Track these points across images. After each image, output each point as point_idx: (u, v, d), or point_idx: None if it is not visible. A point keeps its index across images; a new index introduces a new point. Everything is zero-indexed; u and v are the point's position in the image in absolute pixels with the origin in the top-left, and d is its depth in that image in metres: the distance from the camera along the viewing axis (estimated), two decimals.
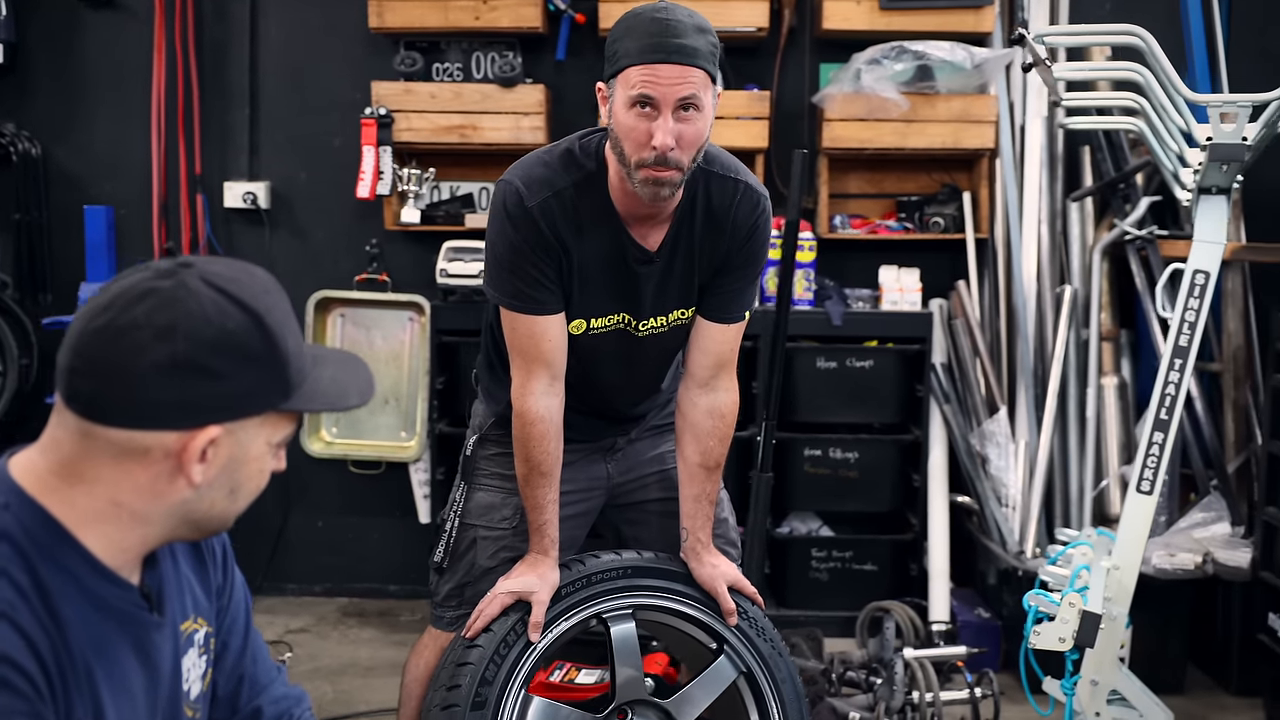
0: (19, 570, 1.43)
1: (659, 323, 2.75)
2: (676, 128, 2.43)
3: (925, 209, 4.67)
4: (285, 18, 4.80)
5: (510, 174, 2.63)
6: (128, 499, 1.48)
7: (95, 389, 1.44)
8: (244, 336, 1.47)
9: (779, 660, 2.86)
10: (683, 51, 2.41)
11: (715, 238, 2.68)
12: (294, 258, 4.83)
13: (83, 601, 1.47)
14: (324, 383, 1.58)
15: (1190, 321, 3.46)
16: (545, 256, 2.60)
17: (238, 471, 1.53)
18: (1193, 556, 4.10)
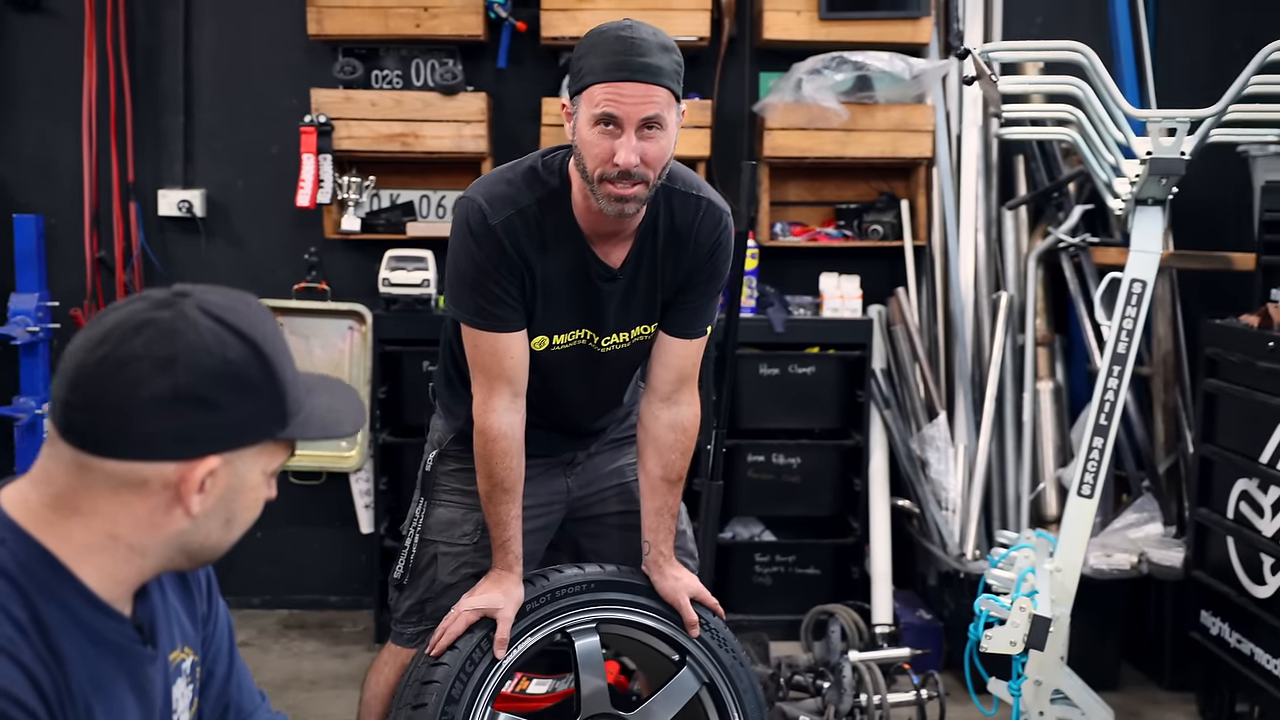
0: (18, 607, 1.41)
1: (622, 339, 2.76)
2: (640, 146, 2.45)
3: (864, 217, 4.73)
4: (220, 23, 4.73)
5: (473, 191, 2.63)
6: (124, 531, 1.47)
7: (93, 421, 1.42)
8: (244, 367, 1.46)
9: (740, 670, 2.89)
10: (647, 70, 2.42)
11: (678, 254, 2.69)
12: (231, 267, 4.77)
13: (80, 637, 1.46)
14: (319, 411, 1.58)
15: (1128, 329, 3.56)
16: (508, 274, 2.60)
17: (234, 501, 1.52)
18: (1128, 557, 4.20)
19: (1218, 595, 3.89)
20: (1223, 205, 4.57)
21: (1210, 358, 3.95)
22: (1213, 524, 3.93)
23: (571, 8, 4.47)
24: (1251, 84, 3.24)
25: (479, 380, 2.69)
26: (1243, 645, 3.74)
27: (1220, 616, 3.88)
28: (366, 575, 4.75)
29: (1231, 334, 3.83)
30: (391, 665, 2.92)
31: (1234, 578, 3.80)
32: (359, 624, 4.77)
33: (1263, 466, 3.65)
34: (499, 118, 4.70)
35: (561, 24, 4.48)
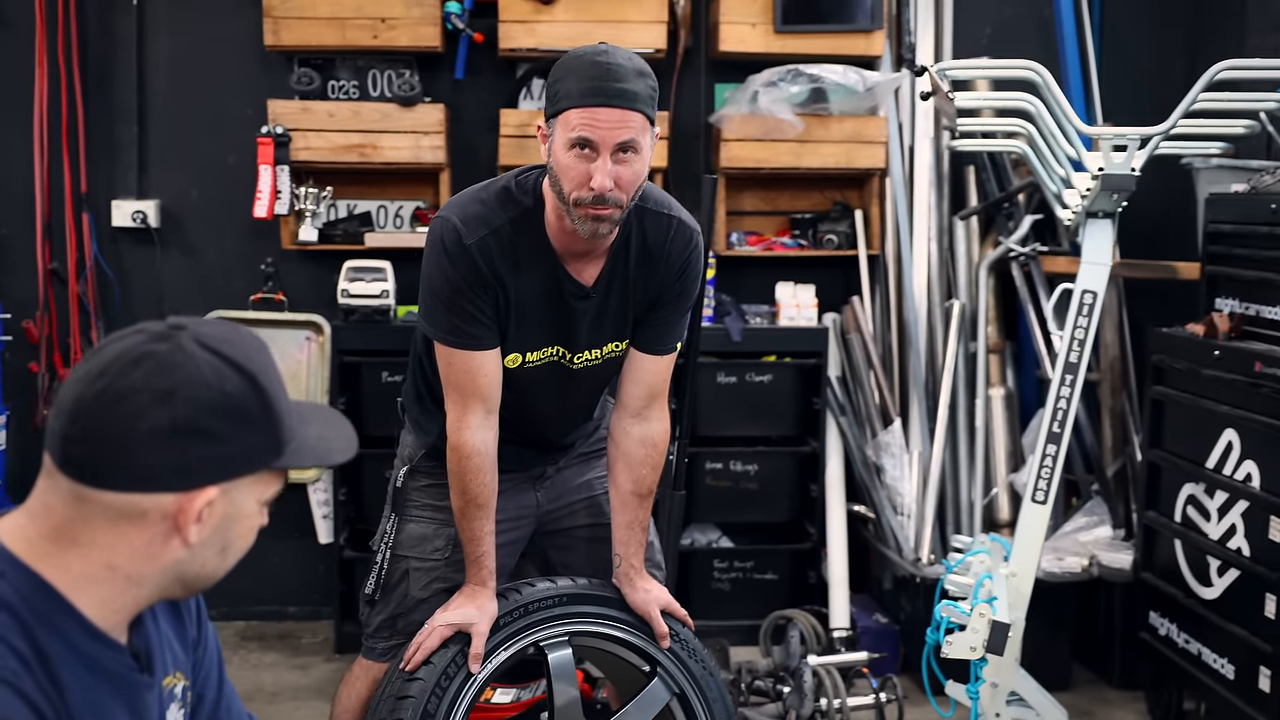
0: (19, 638, 1.43)
1: (594, 355, 2.80)
2: (615, 169, 2.49)
3: (819, 226, 4.79)
4: (173, 34, 4.71)
5: (447, 211, 2.66)
6: (122, 561, 1.49)
7: (92, 454, 1.44)
8: (241, 399, 1.49)
9: (710, 680, 2.93)
10: (623, 96, 2.46)
11: (650, 273, 2.74)
12: (186, 277, 4.76)
13: (80, 666, 1.48)
14: (311, 440, 1.60)
15: (1079, 339, 3.65)
16: (483, 293, 2.63)
17: (230, 530, 1.54)
18: (1079, 560, 4.30)
19: (1166, 597, 3.98)
20: (1167, 215, 4.67)
21: (1157, 365, 4.04)
22: (1161, 527, 4.03)
23: (529, 19, 4.50)
24: (1199, 100, 3.33)
25: (453, 398, 2.71)
26: (1190, 645, 3.83)
27: (1168, 617, 3.97)
28: (326, 586, 4.75)
29: (1177, 342, 3.93)
30: (363, 680, 2.94)
31: (1181, 580, 3.89)
32: (318, 635, 4.77)
33: (1208, 471, 3.74)
34: (456, 128, 4.71)
35: (519, 35, 4.51)
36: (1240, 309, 3.82)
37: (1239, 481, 3.60)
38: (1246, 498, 3.57)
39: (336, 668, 4.45)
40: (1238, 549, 3.60)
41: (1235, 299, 3.86)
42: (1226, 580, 3.67)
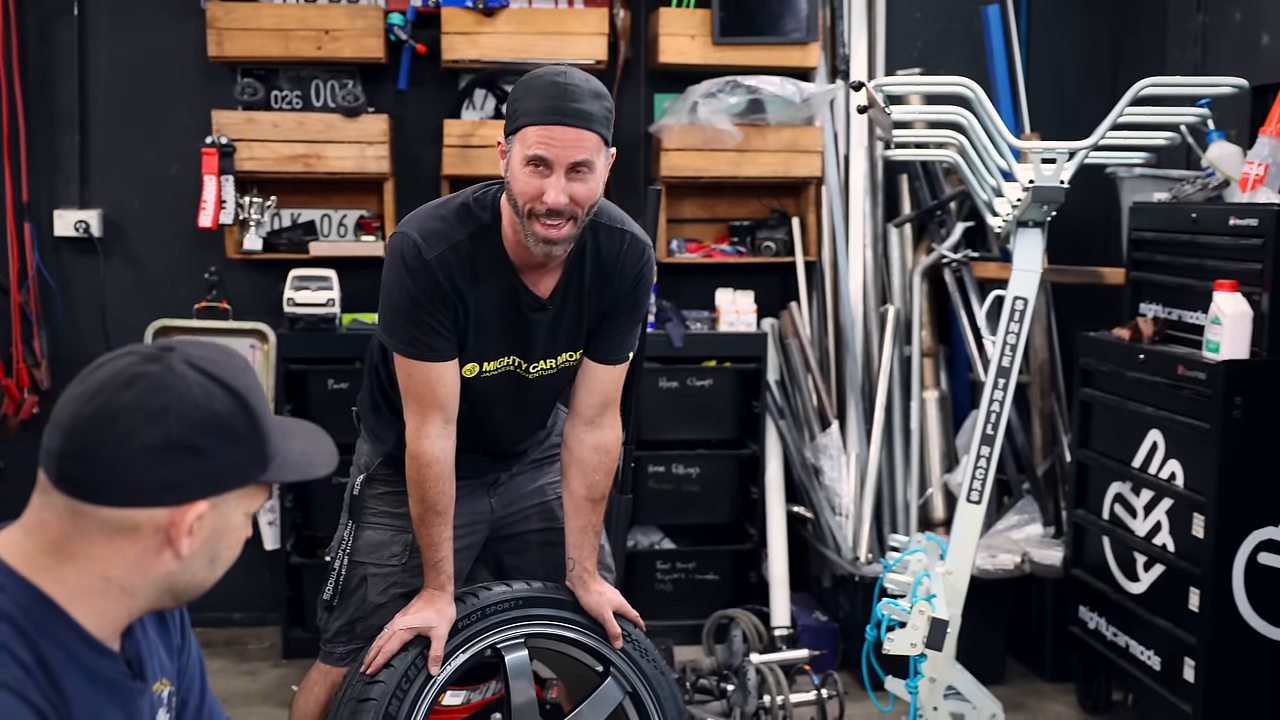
0: (22, 648, 1.49)
1: (549, 365, 2.88)
2: (569, 187, 2.57)
3: (757, 233, 4.90)
4: (115, 44, 4.72)
5: (407, 226, 2.73)
6: (117, 574, 1.55)
7: (87, 471, 1.50)
8: (230, 417, 1.56)
9: (662, 679, 3.02)
10: (579, 116, 2.55)
11: (603, 285, 2.82)
12: (129, 286, 4.77)
13: (79, 674, 1.54)
14: (295, 455, 1.66)
15: (1011, 344, 3.76)
16: (442, 306, 2.71)
17: (219, 542, 1.60)
18: (1012, 557, 4.43)
19: (1095, 592, 4.13)
20: (1092, 223, 4.83)
21: (1085, 368, 4.19)
22: (1089, 525, 4.17)
23: (472, 31, 4.56)
24: (1123, 114, 3.48)
25: (412, 408, 2.78)
26: (1118, 638, 3.98)
27: (1097, 611, 4.12)
28: (272, 592, 4.78)
29: (1104, 346, 4.07)
30: (322, 684, 3.00)
31: (1110, 575, 4.03)
32: (265, 640, 4.79)
33: (1135, 470, 3.89)
34: (399, 139, 4.76)
35: (462, 47, 4.58)
36: (1163, 314, 3.97)
37: (1163, 480, 3.75)
38: (1170, 495, 3.72)
39: (284, 673, 4.50)
40: (1163, 545, 3.75)
41: (1158, 304, 4.01)
42: (1152, 575, 3.82)
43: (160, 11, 4.72)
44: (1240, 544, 3.50)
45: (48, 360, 4.71)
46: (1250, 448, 3.48)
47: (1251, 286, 3.53)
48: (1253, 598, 3.51)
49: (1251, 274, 3.53)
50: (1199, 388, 3.55)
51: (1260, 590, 3.51)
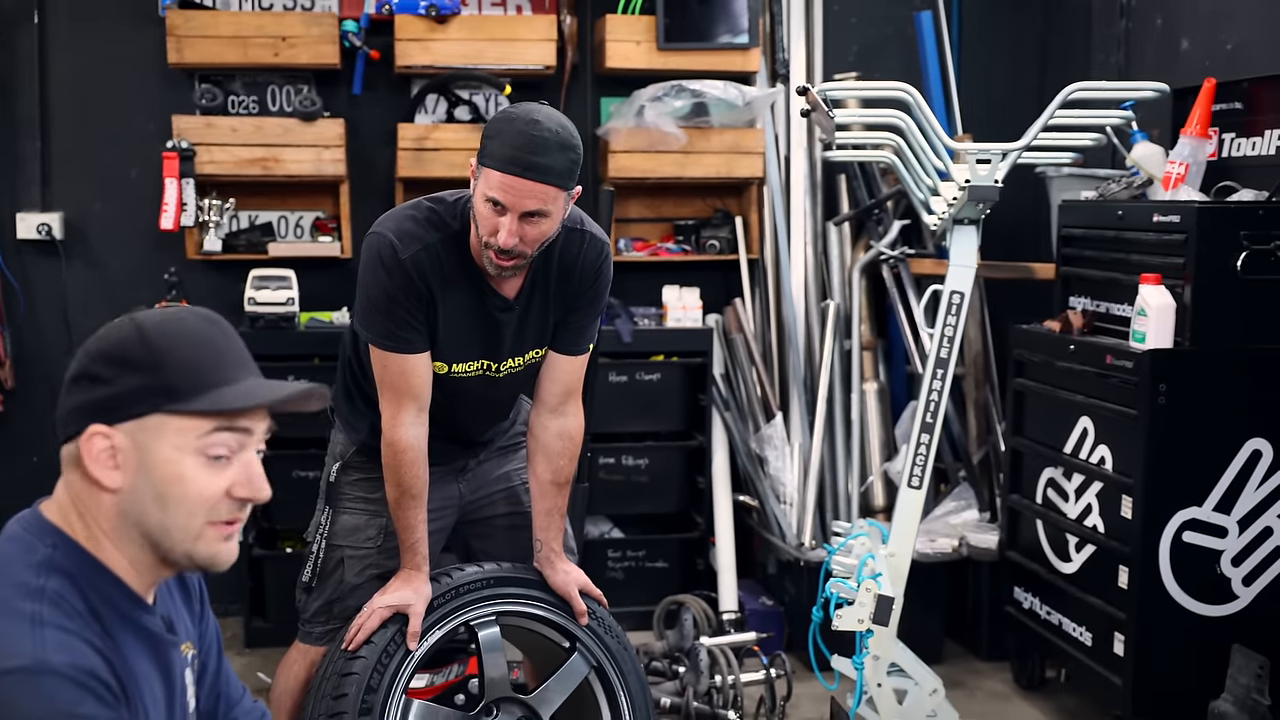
0: (78, 599, 1.63)
1: (517, 363, 3.04)
2: (521, 229, 2.73)
3: (701, 232, 5.07)
4: (74, 50, 4.80)
5: (382, 227, 2.88)
6: (90, 515, 1.68)
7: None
8: (124, 344, 1.67)
9: (625, 655, 3.19)
10: (538, 169, 2.68)
11: (565, 283, 2.98)
12: (90, 288, 4.86)
13: (124, 625, 1.68)
14: (232, 391, 1.70)
15: (949, 336, 3.94)
16: (416, 302, 2.86)
17: (153, 477, 1.66)
18: (950, 541, 4.63)
19: (1029, 573, 4.33)
20: (1023, 220, 5.04)
21: (1018, 359, 4.39)
22: (1023, 509, 4.37)
23: (424, 38, 4.69)
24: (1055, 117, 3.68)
25: (387, 397, 2.93)
26: (1051, 616, 4.18)
27: (1031, 591, 4.32)
28: (232, 584, 4.86)
29: (1036, 338, 4.27)
30: (300, 663, 3.15)
31: (1043, 556, 4.24)
32: (227, 631, 4.83)
33: (1066, 456, 4.09)
34: (354, 142, 4.87)
35: (415, 53, 4.70)
36: (1092, 306, 4.17)
37: (1094, 465, 3.95)
38: (1100, 479, 3.92)
39: (247, 662, 4.60)
40: (1093, 526, 3.95)
41: (1087, 297, 4.21)
42: (1084, 555, 4.03)
43: (119, 19, 4.81)
44: (1166, 524, 3.70)
45: (11, 360, 4.79)
46: (1174, 432, 3.68)
47: (1174, 279, 3.73)
48: (1178, 574, 3.72)
49: (1174, 268, 3.74)
50: (1126, 376, 3.75)
51: (1184, 567, 3.72)
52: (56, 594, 1.60)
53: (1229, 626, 3.73)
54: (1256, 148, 4.17)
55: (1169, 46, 4.65)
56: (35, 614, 1.57)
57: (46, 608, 1.58)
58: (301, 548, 4.69)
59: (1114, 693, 3.83)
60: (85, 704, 1.53)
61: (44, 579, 1.61)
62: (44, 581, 1.61)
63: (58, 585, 1.61)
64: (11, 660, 1.52)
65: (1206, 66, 4.38)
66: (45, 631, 1.55)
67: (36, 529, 1.68)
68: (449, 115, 4.89)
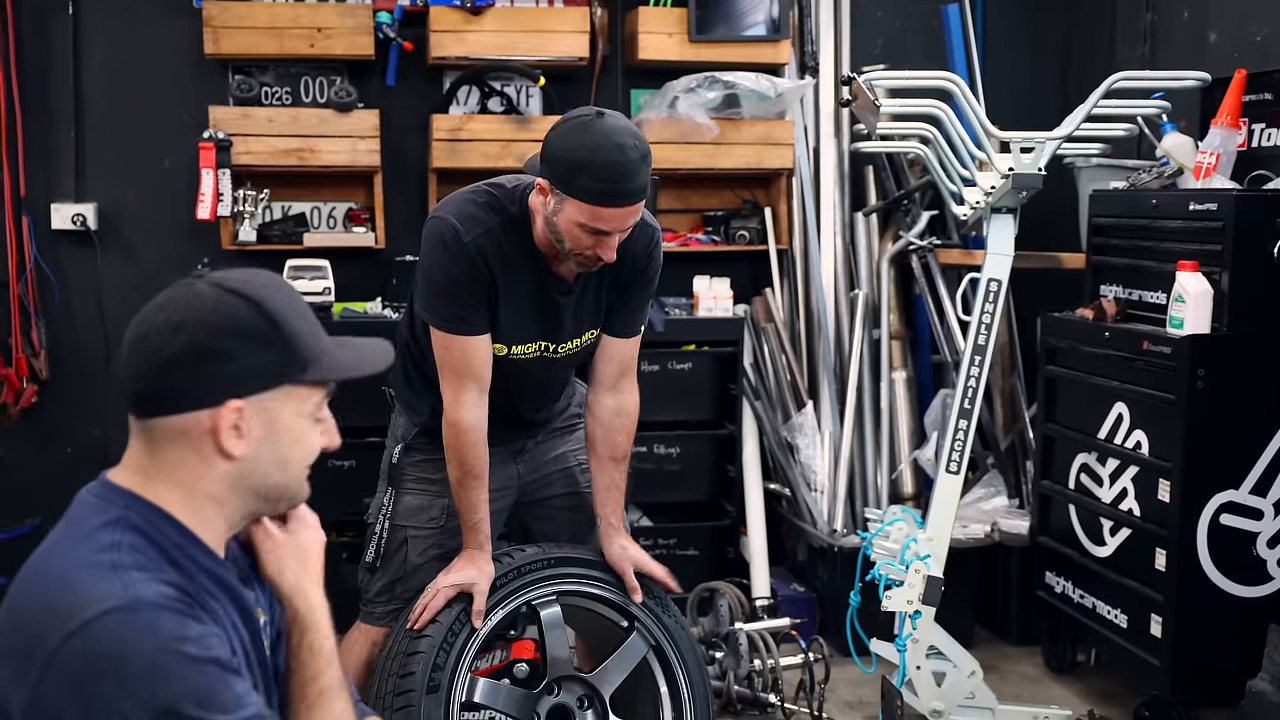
0: (154, 552, 1.67)
1: (574, 345, 3.10)
2: (617, 241, 2.82)
3: (730, 223, 5.11)
4: (109, 41, 4.82)
5: (444, 211, 2.93)
6: (193, 481, 1.72)
7: (141, 389, 1.71)
8: (248, 322, 1.72)
9: (682, 633, 3.24)
10: (633, 195, 2.76)
11: (619, 267, 3.03)
12: (125, 278, 4.87)
13: (202, 576, 1.71)
14: (343, 358, 1.82)
15: (986, 324, 4.01)
16: (477, 285, 2.91)
17: (278, 442, 1.76)
18: (981, 527, 4.68)
19: (1061, 557, 4.38)
20: (1048, 211, 5.08)
21: (1050, 347, 4.44)
22: (1055, 494, 4.43)
23: (459, 29, 4.72)
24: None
25: (449, 379, 2.97)
26: (1085, 599, 4.24)
27: (1064, 575, 4.38)
28: None
29: (1069, 325, 4.32)
30: (362, 642, 3.19)
31: (1076, 540, 4.29)
32: None
33: (1100, 441, 4.14)
34: (387, 133, 4.89)
35: (450, 44, 4.74)
36: (1124, 294, 4.23)
37: (1129, 449, 4.00)
38: (1136, 463, 3.98)
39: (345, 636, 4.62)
40: (1129, 510, 4.00)
41: (1118, 285, 4.27)
42: (1119, 539, 4.08)
43: (151, 9, 4.83)
44: (1204, 507, 3.76)
45: (46, 350, 4.81)
46: (1212, 416, 3.74)
47: (1211, 266, 3.79)
48: (1215, 556, 3.78)
49: (1211, 255, 3.79)
50: (1164, 361, 3.80)
51: (1222, 549, 3.78)
52: (132, 546, 1.64)
53: (1265, 607, 3.79)
54: None
55: (1196, 38, 4.71)
56: (114, 561, 1.61)
57: (124, 555, 1.63)
58: (335, 537, 4.77)
59: (1151, 673, 3.89)
60: (189, 626, 1.58)
61: (119, 534, 1.65)
62: (119, 536, 1.65)
63: (132, 539, 1.65)
64: (104, 602, 1.56)
65: (1235, 58, 4.44)
66: (128, 573, 1.60)
67: (106, 493, 1.72)
68: (482, 106, 4.93)
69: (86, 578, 1.60)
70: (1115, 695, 4.29)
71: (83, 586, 1.59)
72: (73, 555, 1.64)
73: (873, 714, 4.14)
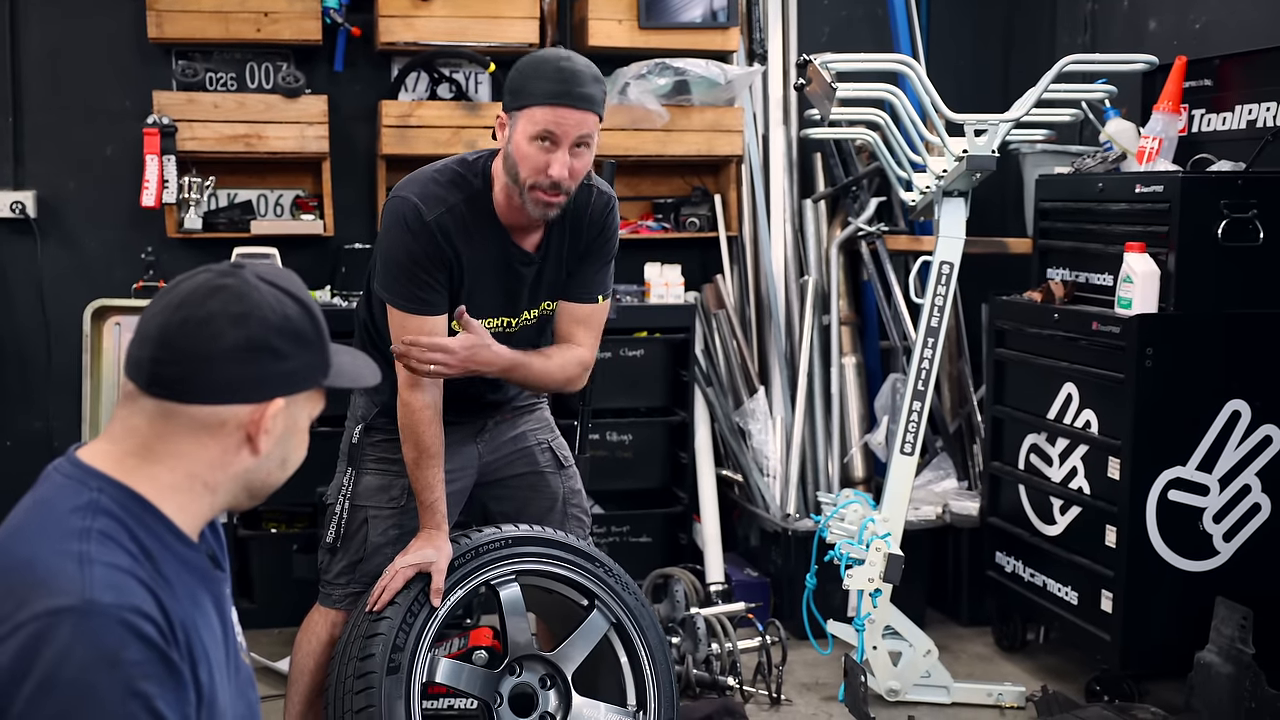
0: (127, 539, 1.62)
1: (531, 316, 3.12)
2: (570, 162, 2.83)
3: (681, 210, 5.12)
4: (48, 26, 4.73)
5: (406, 190, 2.94)
6: (201, 470, 1.70)
7: (181, 373, 1.65)
8: (300, 323, 1.72)
9: (643, 610, 3.24)
10: (584, 99, 2.82)
11: (577, 235, 3.07)
12: (66, 267, 4.79)
13: (175, 563, 1.68)
14: (346, 366, 1.83)
15: (939, 305, 4.06)
16: (438, 264, 2.92)
17: (289, 442, 1.76)
18: (933, 509, 4.73)
19: (1011, 537, 4.44)
20: (993, 196, 5.15)
21: (999, 329, 4.49)
22: (1005, 475, 4.48)
23: (407, 14, 4.69)
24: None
25: None
26: (1035, 578, 4.29)
27: (1014, 555, 4.43)
28: None
29: (1018, 308, 4.38)
30: (322, 624, 3.17)
31: (1026, 520, 4.35)
32: None
33: (1050, 421, 4.20)
34: (335, 119, 4.84)
35: (398, 30, 4.70)
36: (1070, 277, 4.29)
37: (1079, 429, 4.06)
38: (1086, 442, 4.04)
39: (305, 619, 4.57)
40: (1079, 489, 4.06)
41: (1065, 269, 4.33)
42: (1069, 517, 4.14)
43: None
44: (1152, 483, 3.83)
45: None
46: (1160, 394, 3.81)
47: (1158, 247, 3.85)
48: (1164, 532, 3.85)
49: (1158, 236, 3.86)
50: (1113, 341, 3.87)
51: (1170, 525, 3.84)
52: (103, 534, 1.60)
53: (1212, 581, 3.87)
54: (1226, 123, 4.31)
55: (1136, 26, 4.79)
56: (83, 553, 1.57)
57: (94, 546, 1.58)
58: (285, 529, 4.73)
59: (1102, 648, 3.95)
60: (130, 648, 1.54)
61: (90, 520, 1.61)
62: (90, 522, 1.61)
63: (105, 525, 1.61)
64: (59, 599, 1.52)
65: (1175, 45, 4.52)
66: (93, 569, 1.56)
67: (78, 474, 1.68)
68: (431, 93, 4.90)
69: (49, 568, 1.56)
70: (1066, 671, 4.35)
71: (43, 578, 1.55)
72: (40, 540, 1.60)
73: (830, 694, 4.16)
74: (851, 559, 3.77)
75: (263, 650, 4.42)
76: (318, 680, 3.13)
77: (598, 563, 3.21)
